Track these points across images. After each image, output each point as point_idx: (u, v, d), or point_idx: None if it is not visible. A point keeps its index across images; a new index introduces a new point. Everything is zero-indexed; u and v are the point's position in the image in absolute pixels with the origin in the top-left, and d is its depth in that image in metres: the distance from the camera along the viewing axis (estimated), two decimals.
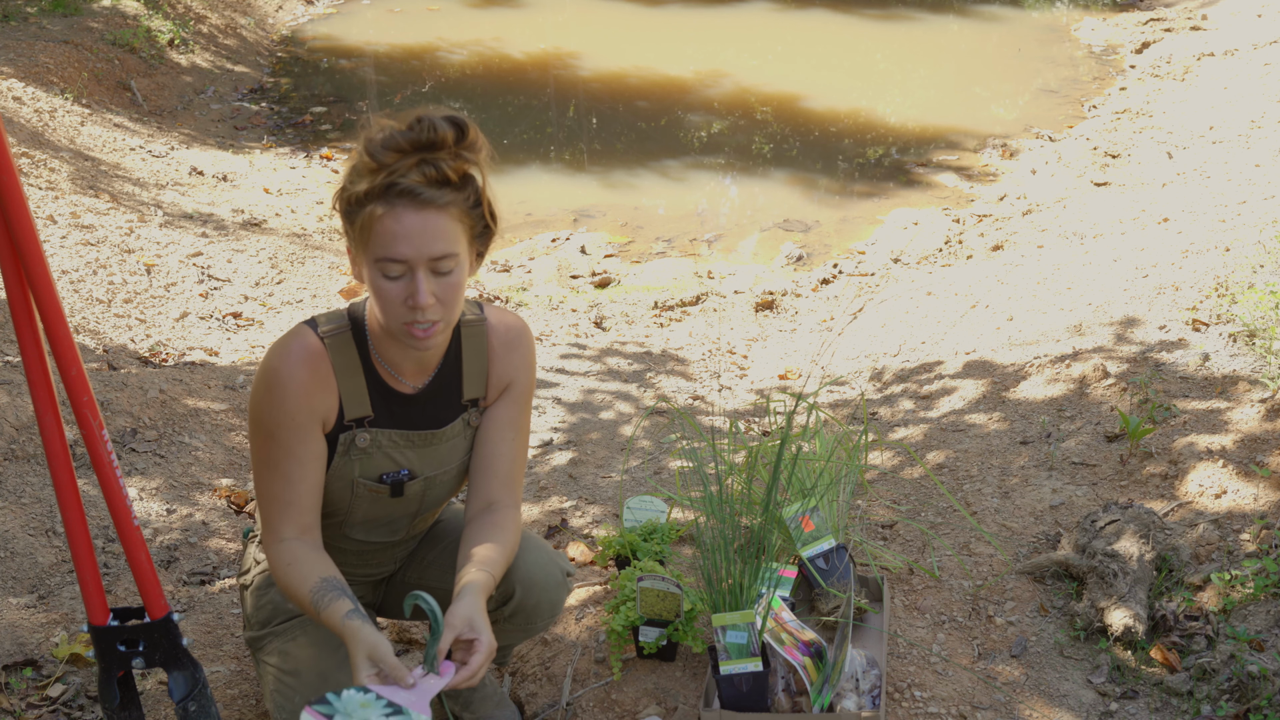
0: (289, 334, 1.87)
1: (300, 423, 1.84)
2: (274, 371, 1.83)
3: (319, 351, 1.85)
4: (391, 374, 1.91)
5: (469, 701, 2.30)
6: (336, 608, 1.76)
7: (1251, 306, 3.55)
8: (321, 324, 1.88)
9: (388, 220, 1.70)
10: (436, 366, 1.95)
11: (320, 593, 1.80)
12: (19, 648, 2.47)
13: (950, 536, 2.83)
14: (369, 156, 1.71)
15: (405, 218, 1.70)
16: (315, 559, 1.85)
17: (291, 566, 1.83)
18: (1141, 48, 8.87)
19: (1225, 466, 2.81)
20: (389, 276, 1.73)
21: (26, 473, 3.19)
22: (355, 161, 1.74)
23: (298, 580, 1.81)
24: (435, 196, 1.71)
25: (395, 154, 1.70)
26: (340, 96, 8.45)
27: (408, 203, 1.70)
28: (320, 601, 1.78)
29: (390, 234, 1.70)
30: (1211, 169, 5.78)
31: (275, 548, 1.86)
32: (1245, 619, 2.33)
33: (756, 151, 7.52)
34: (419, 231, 1.71)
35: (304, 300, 5.25)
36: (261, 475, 1.88)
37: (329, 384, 1.86)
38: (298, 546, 1.86)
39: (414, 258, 1.71)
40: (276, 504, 1.86)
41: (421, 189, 1.70)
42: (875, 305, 5.12)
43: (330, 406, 1.87)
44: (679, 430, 3.83)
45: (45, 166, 5.73)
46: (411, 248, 1.71)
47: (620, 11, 10.56)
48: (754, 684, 2.15)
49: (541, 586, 2.06)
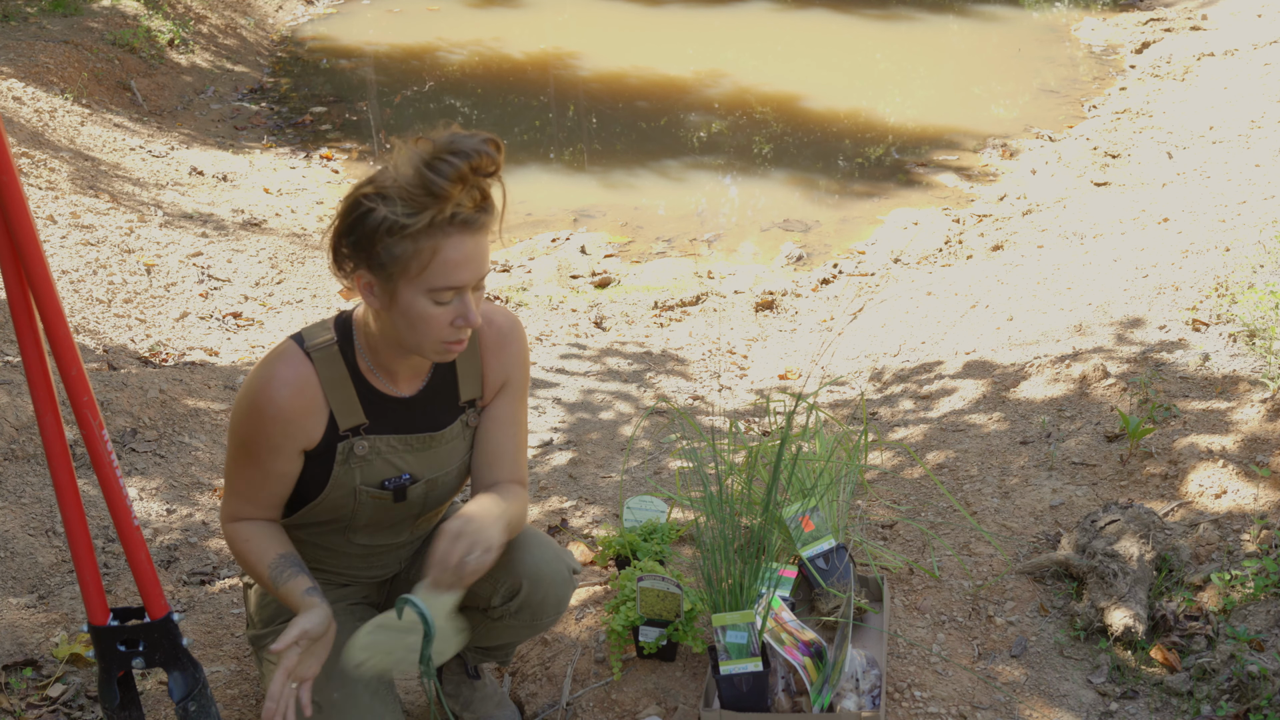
0: (275, 356, 1.87)
1: (276, 444, 1.86)
2: (256, 395, 1.83)
3: (305, 373, 1.85)
4: (384, 382, 1.91)
5: (469, 701, 2.31)
6: (296, 584, 1.84)
7: (1251, 306, 3.55)
8: (308, 339, 1.88)
9: (447, 250, 1.69)
10: (430, 371, 1.95)
11: (279, 568, 1.87)
12: (19, 648, 2.47)
13: (950, 536, 2.83)
14: (426, 188, 1.65)
15: (465, 245, 1.71)
16: (272, 535, 1.93)
17: (249, 542, 1.91)
18: (1141, 48, 8.87)
19: (1225, 466, 2.81)
20: (441, 303, 1.74)
21: (26, 473, 3.19)
22: (398, 190, 1.67)
23: (255, 555, 1.89)
24: (484, 221, 1.73)
25: (458, 185, 1.66)
26: (340, 96, 8.45)
27: (462, 230, 1.70)
28: (279, 577, 1.86)
29: (452, 264, 1.70)
30: (1211, 169, 5.78)
31: (232, 525, 1.93)
32: (1245, 619, 2.33)
33: (756, 151, 7.52)
34: (474, 256, 1.72)
35: (304, 300, 5.25)
36: (231, 468, 1.93)
37: (315, 405, 1.86)
38: (255, 525, 1.93)
39: (470, 282, 1.74)
40: (241, 496, 1.93)
41: (474, 216, 1.71)
42: (875, 305, 5.12)
43: (315, 427, 1.88)
44: (679, 430, 3.83)
45: (45, 166, 5.73)
46: (471, 273, 1.73)
47: (620, 11, 10.56)
48: (754, 684, 2.15)
49: (549, 582, 2.07)
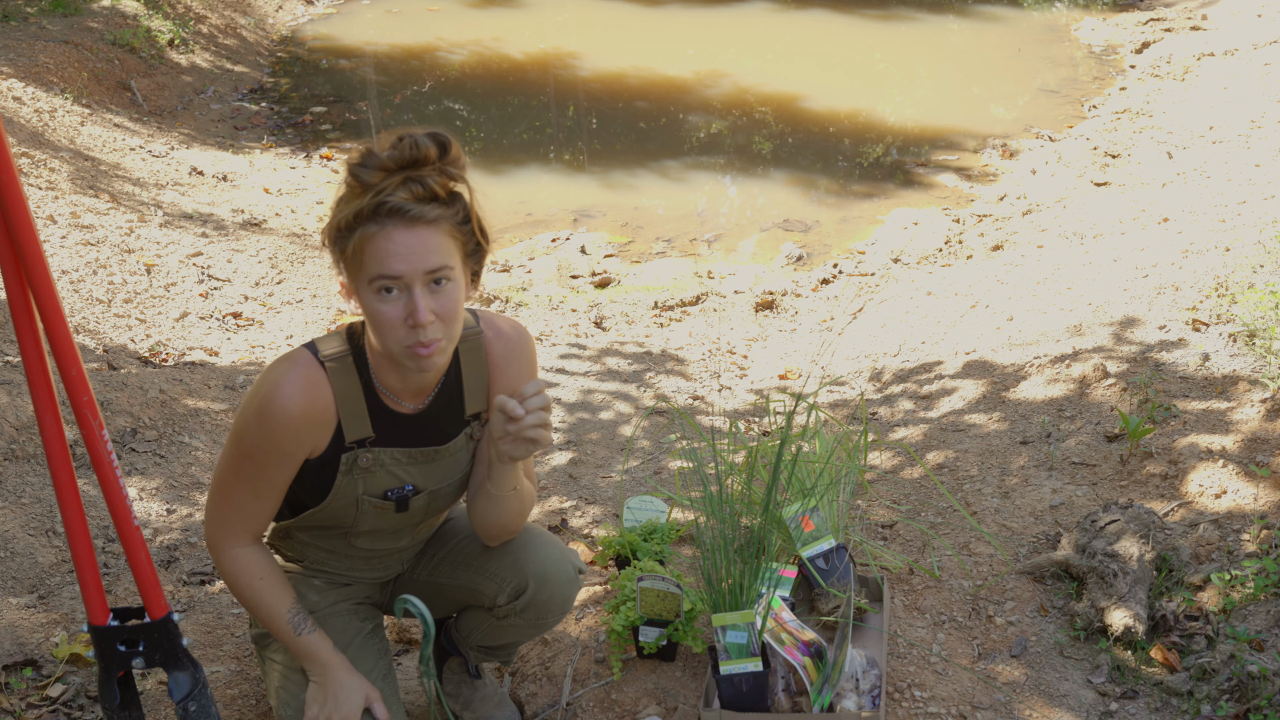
0: (289, 360, 1.86)
1: (285, 452, 1.86)
2: (268, 401, 1.82)
3: (318, 380, 1.84)
4: (392, 398, 1.91)
5: (469, 701, 2.30)
6: (319, 639, 1.94)
7: (1251, 306, 3.54)
8: (323, 348, 1.87)
9: (379, 240, 1.70)
10: (436, 387, 1.94)
11: (299, 617, 1.94)
12: (19, 648, 2.47)
13: (950, 536, 2.83)
14: (354, 179, 1.71)
15: (396, 235, 1.70)
16: (280, 575, 1.96)
17: (264, 580, 1.93)
18: (1141, 48, 8.87)
19: (1225, 466, 2.81)
20: (386, 295, 1.73)
21: (26, 473, 3.19)
22: (341, 191, 1.75)
23: (271, 598, 1.93)
24: (424, 212, 1.72)
25: (381, 173, 1.70)
26: (340, 96, 8.45)
27: (398, 220, 1.70)
28: (300, 626, 1.93)
29: (383, 253, 1.70)
30: (1211, 169, 5.78)
31: (232, 552, 1.93)
32: (1245, 619, 2.33)
33: (756, 151, 7.52)
34: (411, 247, 1.71)
35: (304, 300, 5.25)
36: (228, 481, 1.90)
37: (325, 414, 1.86)
38: (257, 555, 1.94)
39: (409, 274, 1.71)
40: (238, 511, 1.91)
41: (410, 205, 1.70)
42: (875, 305, 5.12)
43: (322, 437, 1.88)
44: (679, 430, 3.83)
45: (45, 166, 5.73)
46: (405, 264, 1.71)
47: (620, 11, 10.56)
48: (754, 684, 2.15)
49: (555, 581, 2.07)
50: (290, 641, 1.93)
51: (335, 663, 1.93)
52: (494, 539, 2.05)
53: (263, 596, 1.92)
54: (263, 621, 1.96)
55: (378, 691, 1.96)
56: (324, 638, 1.95)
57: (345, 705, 1.90)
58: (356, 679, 1.94)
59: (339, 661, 1.94)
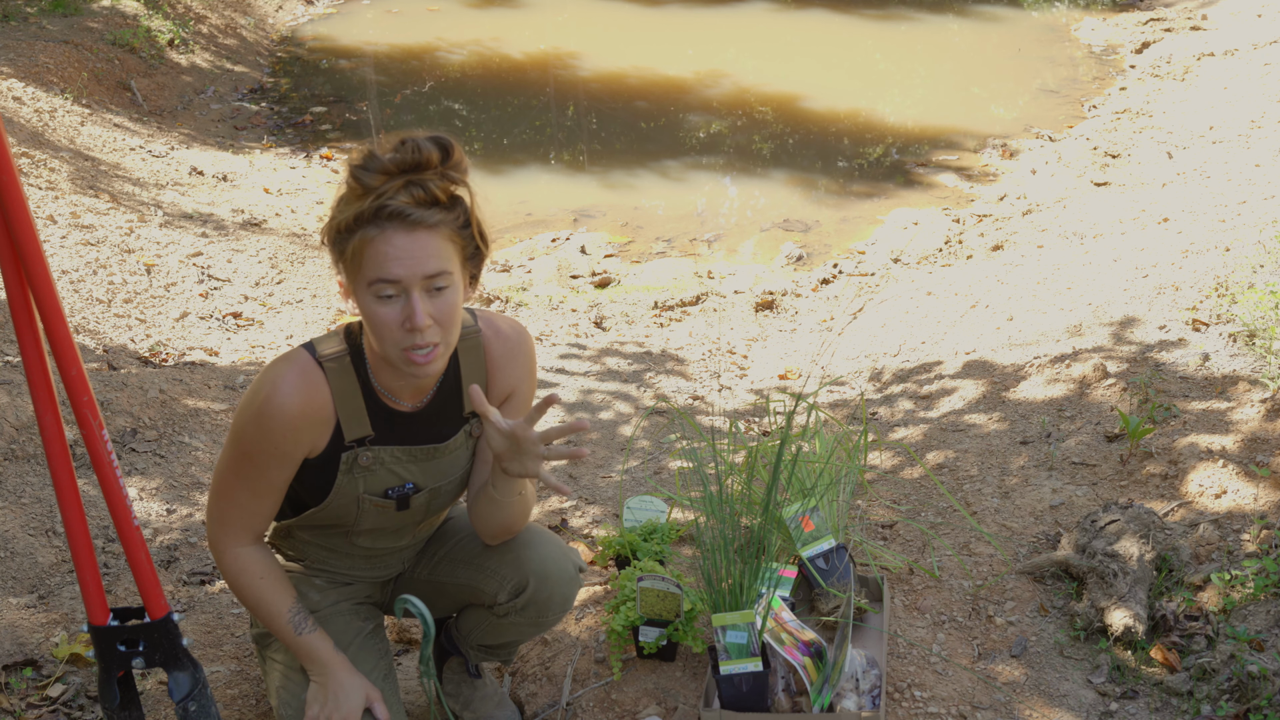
0: (287, 361, 1.86)
1: (284, 451, 1.86)
2: (267, 401, 1.82)
3: (316, 381, 1.84)
4: (390, 397, 1.91)
5: (469, 701, 2.31)
6: (319, 639, 1.94)
7: (1251, 306, 3.55)
8: (321, 348, 1.87)
9: (379, 243, 1.70)
10: (434, 386, 1.94)
11: (300, 617, 1.94)
12: (19, 648, 2.47)
13: (950, 536, 2.83)
14: (355, 181, 1.71)
15: (396, 239, 1.70)
16: (281, 574, 1.96)
17: (264, 579, 1.93)
18: (1141, 48, 8.87)
19: (1225, 466, 2.81)
20: (384, 298, 1.73)
21: (26, 473, 3.19)
22: (342, 191, 1.75)
23: (272, 598, 1.93)
24: (425, 216, 1.72)
25: (382, 176, 1.70)
26: (340, 96, 8.45)
27: (398, 224, 1.70)
28: (301, 625, 1.93)
29: (382, 255, 1.70)
30: (1211, 169, 5.78)
31: (233, 551, 1.93)
32: (1245, 619, 2.33)
33: (756, 151, 7.52)
34: (410, 251, 1.71)
35: (304, 300, 5.25)
36: (228, 481, 1.91)
37: (324, 414, 1.86)
38: (258, 555, 1.95)
39: (407, 278, 1.71)
40: (238, 510, 1.92)
41: (411, 209, 1.70)
42: (875, 305, 5.12)
43: (320, 437, 1.88)
44: (678, 430, 3.83)
45: (45, 166, 5.73)
46: (404, 268, 1.71)
47: (620, 11, 10.56)
48: (754, 684, 2.15)
49: (555, 580, 2.07)
50: (291, 641, 1.94)
51: (336, 662, 1.93)
52: (495, 539, 2.05)
53: (264, 596, 1.92)
54: (263, 621, 1.96)
55: (378, 691, 1.96)
56: (324, 637, 1.95)
57: (346, 705, 1.90)
58: (357, 679, 1.94)
59: (339, 661, 1.94)
